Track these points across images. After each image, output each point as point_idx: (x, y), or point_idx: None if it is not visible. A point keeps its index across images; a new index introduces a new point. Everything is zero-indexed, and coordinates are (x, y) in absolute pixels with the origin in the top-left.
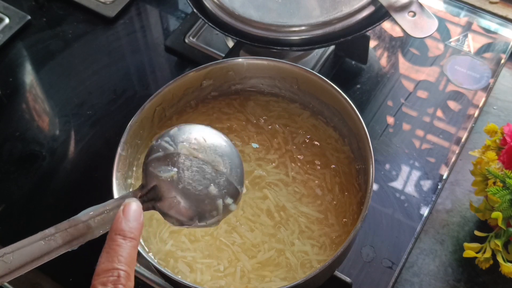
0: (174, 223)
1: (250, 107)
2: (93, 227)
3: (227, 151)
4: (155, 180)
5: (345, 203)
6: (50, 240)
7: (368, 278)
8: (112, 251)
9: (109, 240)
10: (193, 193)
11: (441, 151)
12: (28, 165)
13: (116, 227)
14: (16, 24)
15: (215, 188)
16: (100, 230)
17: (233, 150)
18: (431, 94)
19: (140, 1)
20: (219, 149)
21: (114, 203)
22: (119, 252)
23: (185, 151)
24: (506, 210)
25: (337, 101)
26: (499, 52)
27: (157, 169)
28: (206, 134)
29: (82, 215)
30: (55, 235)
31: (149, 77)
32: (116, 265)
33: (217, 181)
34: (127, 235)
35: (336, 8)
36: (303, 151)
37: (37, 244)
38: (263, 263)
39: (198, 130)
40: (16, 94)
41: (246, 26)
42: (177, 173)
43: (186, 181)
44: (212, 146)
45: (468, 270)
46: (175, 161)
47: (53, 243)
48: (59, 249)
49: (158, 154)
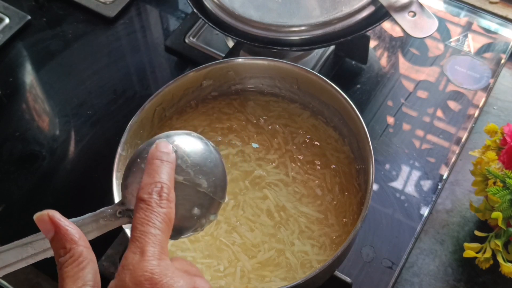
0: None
1: (250, 107)
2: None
3: (212, 166)
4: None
5: (345, 203)
6: (28, 247)
7: (368, 278)
8: (152, 171)
9: (148, 165)
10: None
11: (441, 151)
12: (28, 165)
13: (152, 154)
14: (16, 24)
15: (198, 210)
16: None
17: (218, 162)
18: (431, 94)
19: (140, 1)
20: (204, 167)
21: (92, 217)
22: (158, 171)
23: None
24: (506, 210)
25: (337, 101)
26: (499, 52)
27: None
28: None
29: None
30: (32, 243)
31: (149, 77)
32: (157, 179)
33: (200, 202)
34: (164, 158)
35: (336, 8)
36: (303, 151)
37: (15, 251)
38: (263, 263)
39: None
40: (16, 94)
41: (246, 26)
42: None
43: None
44: (196, 165)
45: (468, 270)
46: None
47: (30, 250)
48: (36, 256)
49: (137, 176)
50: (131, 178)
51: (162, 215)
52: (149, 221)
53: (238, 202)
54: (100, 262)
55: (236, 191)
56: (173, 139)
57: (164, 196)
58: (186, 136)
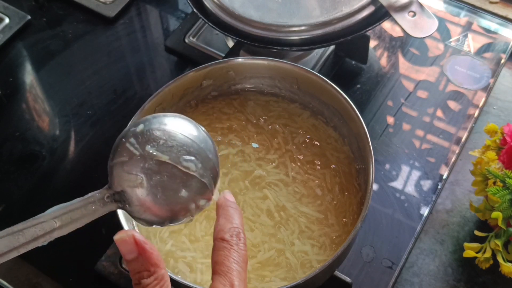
0: (145, 225)
1: (250, 107)
2: (60, 225)
3: (199, 148)
4: (121, 185)
5: (345, 203)
6: (18, 236)
7: (368, 278)
8: (229, 216)
9: (223, 210)
10: (162, 199)
11: (441, 151)
12: (28, 165)
13: (224, 202)
14: (16, 24)
15: (186, 192)
16: (68, 227)
17: (207, 145)
18: (431, 94)
19: (140, 1)
20: (192, 148)
21: (81, 202)
22: (234, 216)
23: (152, 156)
24: (506, 210)
25: (337, 101)
26: (499, 52)
27: (122, 175)
28: (177, 129)
29: (49, 213)
30: (23, 231)
31: (149, 77)
32: (234, 224)
33: (188, 184)
34: (233, 206)
35: (336, 8)
36: (303, 151)
37: (5, 239)
38: (263, 263)
39: (168, 125)
40: (16, 94)
41: (246, 26)
42: (144, 180)
43: (154, 187)
44: (183, 145)
45: (468, 270)
46: (141, 166)
47: (21, 239)
48: (27, 245)
49: (122, 158)
50: (117, 159)
51: (243, 255)
52: (233, 259)
53: (238, 202)
54: (100, 262)
55: (236, 191)
56: (162, 120)
57: (242, 239)
58: (175, 118)
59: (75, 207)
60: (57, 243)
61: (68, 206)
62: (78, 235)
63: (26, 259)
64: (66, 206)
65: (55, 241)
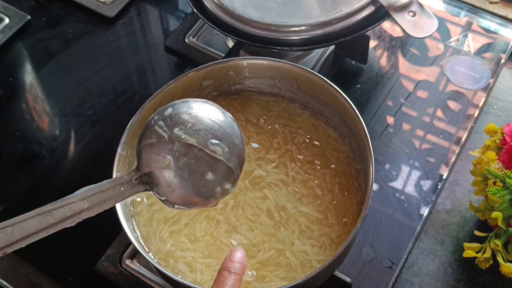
0: (171, 208)
1: (250, 107)
2: (88, 206)
3: (226, 133)
4: (149, 167)
5: (345, 203)
6: (48, 216)
7: (368, 278)
8: (220, 281)
9: (218, 275)
10: (189, 181)
11: (441, 151)
12: (28, 165)
13: (224, 265)
14: (16, 24)
15: (212, 175)
16: (96, 209)
17: (234, 131)
18: (431, 94)
19: (140, 1)
20: (218, 132)
21: (109, 183)
22: (224, 282)
23: (179, 138)
24: (506, 210)
25: (337, 101)
26: (499, 52)
27: (150, 156)
28: (204, 114)
29: (77, 194)
30: (52, 212)
31: (149, 77)
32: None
33: (214, 167)
34: (232, 270)
35: (336, 8)
36: (303, 151)
37: (35, 219)
38: (263, 263)
39: (196, 110)
40: (16, 94)
41: (246, 26)
42: (171, 162)
43: (181, 169)
44: (210, 129)
45: (468, 270)
46: (169, 148)
47: (51, 219)
48: (56, 226)
49: (151, 140)
50: (145, 141)
51: None
52: None
53: (238, 202)
54: (100, 262)
55: (236, 191)
56: (190, 104)
57: None
58: (203, 103)
59: (103, 188)
60: (57, 243)
61: (97, 187)
62: (78, 235)
63: (26, 259)
64: (95, 188)
65: (55, 241)
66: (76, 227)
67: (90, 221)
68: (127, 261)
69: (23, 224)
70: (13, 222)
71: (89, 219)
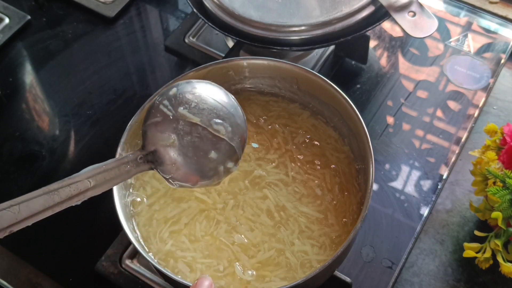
0: (175, 186)
1: (250, 107)
2: (94, 184)
3: (229, 113)
4: (154, 145)
5: (345, 203)
6: (54, 195)
7: (368, 278)
8: None
9: None
10: (193, 159)
11: (441, 151)
12: (28, 165)
13: None
14: (16, 24)
15: (216, 153)
16: (102, 188)
17: (237, 112)
18: (431, 94)
19: (140, 1)
20: (221, 112)
21: (115, 162)
22: None
23: (184, 117)
24: (506, 210)
25: (337, 101)
26: (499, 52)
27: (155, 134)
28: (208, 94)
29: (83, 173)
30: (58, 190)
31: (149, 77)
32: None
33: (217, 146)
34: None
35: (336, 8)
36: (303, 151)
37: (41, 198)
38: (263, 262)
39: (200, 90)
40: (16, 94)
41: (246, 26)
42: (176, 140)
43: (185, 147)
44: (214, 109)
45: (468, 270)
46: (174, 127)
47: (57, 198)
48: (62, 204)
49: (156, 119)
50: (150, 120)
51: None
52: None
53: (238, 202)
54: (100, 262)
55: (236, 191)
56: (194, 84)
57: None
58: (207, 83)
59: (109, 167)
60: (57, 243)
61: (102, 166)
62: (78, 235)
63: (26, 259)
64: (100, 167)
65: (55, 241)
66: (76, 227)
67: (90, 221)
68: (127, 261)
69: (29, 203)
70: (20, 200)
71: (89, 219)
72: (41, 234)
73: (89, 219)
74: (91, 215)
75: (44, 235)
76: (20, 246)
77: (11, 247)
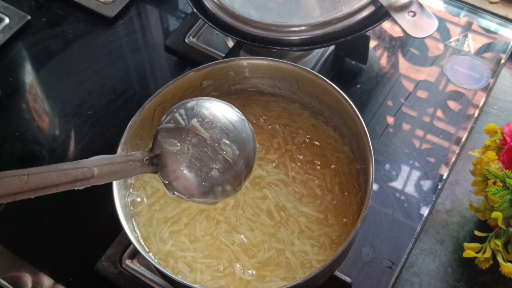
0: (172, 194)
1: (250, 107)
2: (99, 174)
3: (241, 138)
4: (161, 149)
5: (345, 203)
6: (61, 174)
7: (368, 278)
8: None
9: None
10: (194, 171)
11: (441, 151)
12: (28, 165)
13: None
14: (16, 24)
15: (217, 173)
16: (106, 179)
17: (249, 140)
18: (431, 94)
19: (140, 1)
20: (233, 135)
21: (123, 157)
22: None
23: (195, 129)
24: (506, 210)
25: (337, 101)
26: (499, 52)
27: (164, 139)
28: (224, 114)
29: (90, 160)
30: (65, 171)
31: (149, 77)
32: None
33: (220, 166)
34: None
35: (336, 8)
36: (303, 151)
37: (50, 174)
38: (263, 262)
39: (217, 108)
40: (16, 94)
41: (246, 26)
42: (181, 149)
43: (189, 158)
44: (226, 130)
45: (468, 270)
46: (183, 137)
47: (63, 178)
48: (65, 185)
49: (169, 125)
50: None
51: None
52: None
53: (238, 202)
54: (100, 262)
55: None
56: (214, 102)
57: None
58: (227, 106)
59: (116, 160)
60: (57, 243)
61: (111, 158)
62: (78, 235)
63: (26, 259)
64: (109, 158)
65: (55, 241)
66: (76, 227)
67: (90, 221)
68: (127, 261)
69: (38, 176)
70: (29, 171)
71: (89, 219)
72: (41, 234)
73: (89, 219)
74: (91, 215)
75: (44, 235)
76: (20, 246)
77: (11, 247)
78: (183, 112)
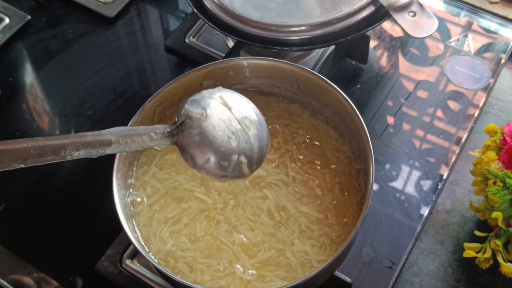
0: (187, 161)
1: None
2: (116, 143)
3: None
4: (185, 116)
5: (345, 203)
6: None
7: (368, 278)
8: None
9: None
10: (213, 136)
11: (441, 151)
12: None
13: None
14: (16, 24)
15: (235, 141)
16: (125, 148)
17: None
18: (431, 94)
19: (140, 1)
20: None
21: (144, 130)
22: None
23: (221, 99)
24: (506, 210)
25: (337, 101)
26: (499, 52)
27: (191, 106)
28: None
29: (111, 130)
30: (86, 136)
31: (149, 77)
32: None
33: (239, 137)
34: None
35: (336, 8)
36: (303, 151)
37: (74, 137)
38: (263, 262)
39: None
40: (16, 94)
41: (246, 26)
42: (206, 113)
43: (211, 124)
44: (248, 113)
45: (468, 270)
46: (208, 103)
47: (79, 143)
48: (85, 149)
49: (196, 97)
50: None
51: None
52: None
53: (238, 201)
54: (100, 262)
55: (236, 191)
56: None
57: None
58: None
59: (138, 131)
60: (58, 243)
61: (132, 129)
62: (78, 235)
63: (26, 259)
64: (128, 130)
65: (55, 241)
66: (76, 227)
67: (90, 221)
68: (127, 261)
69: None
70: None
71: (89, 219)
72: (41, 234)
73: (89, 219)
74: (91, 215)
75: (44, 235)
76: (20, 246)
77: (11, 247)
78: (211, 90)
